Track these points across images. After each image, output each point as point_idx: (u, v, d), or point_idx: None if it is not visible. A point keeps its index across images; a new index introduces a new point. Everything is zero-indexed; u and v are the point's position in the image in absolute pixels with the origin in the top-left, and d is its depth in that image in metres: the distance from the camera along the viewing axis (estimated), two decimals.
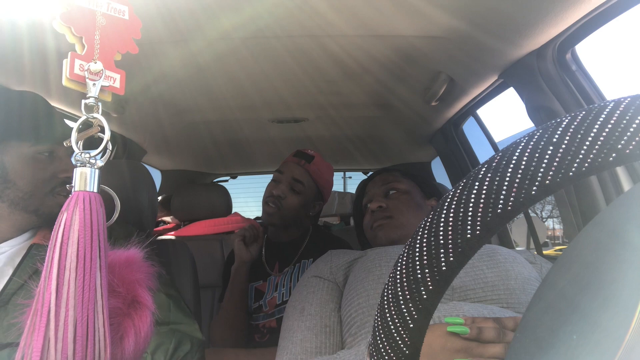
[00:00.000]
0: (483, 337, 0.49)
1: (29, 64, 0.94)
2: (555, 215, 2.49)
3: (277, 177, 1.30)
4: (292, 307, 0.77)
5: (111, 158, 1.57)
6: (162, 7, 0.75)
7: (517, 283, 0.67)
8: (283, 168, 1.30)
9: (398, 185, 0.96)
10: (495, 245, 0.77)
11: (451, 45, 0.96)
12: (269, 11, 0.80)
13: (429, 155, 2.10)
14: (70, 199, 0.39)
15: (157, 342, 0.68)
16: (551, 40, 0.86)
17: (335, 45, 0.97)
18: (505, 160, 0.23)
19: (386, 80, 1.25)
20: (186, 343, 0.71)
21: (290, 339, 0.71)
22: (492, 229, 0.23)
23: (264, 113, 1.57)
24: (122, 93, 0.45)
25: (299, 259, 1.27)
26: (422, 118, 1.57)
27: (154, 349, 0.67)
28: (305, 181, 1.28)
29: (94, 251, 0.38)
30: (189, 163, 2.28)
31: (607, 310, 0.22)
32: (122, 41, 0.45)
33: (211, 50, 0.99)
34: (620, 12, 0.75)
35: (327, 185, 1.36)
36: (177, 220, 1.94)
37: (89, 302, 0.37)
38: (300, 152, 1.33)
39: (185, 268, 1.10)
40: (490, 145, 1.47)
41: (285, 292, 1.21)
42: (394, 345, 0.26)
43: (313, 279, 0.80)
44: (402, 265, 0.26)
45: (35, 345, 0.35)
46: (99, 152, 0.42)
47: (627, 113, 0.21)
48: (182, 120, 1.59)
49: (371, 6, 0.79)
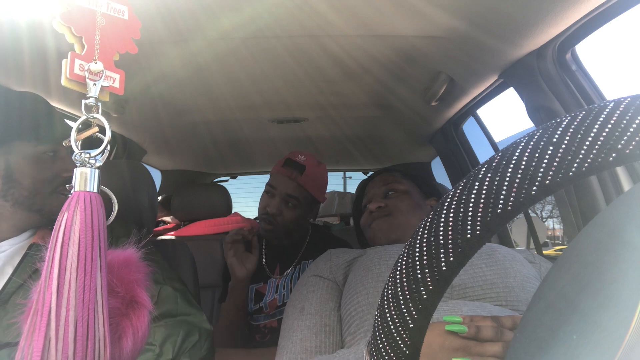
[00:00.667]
0: (481, 335, 0.50)
1: (29, 64, 0.94)
2: (555, 215, 2.49)
3: (270, 191, 1.25)
4: (291, 306, 0.77)
5: (111, 158, 1.57)
6: (162, 7, 0.75)
7: (515, 281, 0.67)
8: (275, 182, 1.24)
9: (397, 186, 0.96)
10: (495, 244, 0.77)
11: (451, 45, 0.96)
12: (269, 11, 0.80)
13: (429, 155, 2.10)
14: (71, 199, 0.39)
15: (166, 334, 0.69)
16: (551, 40, 0.86)
17: (335, 45, 0.97)
18: (505, 160, 0.23)
19: (386, 80, 1.25)
20: (194, 334, 0.72)
21: (290, 338, 0.71)
22: (492, 229, 0.23)
23: (264, 113, 1.57)
24: (121, 93, 0.45)
25: (300, 260, 1.27)
26: (422, 118, 1.57)
27: (163, 341, 0.68)
28: (300, 195, 1.23)
29: (95, 251, 0.38)
30: (189, 163, 2.28)
31: (607, 310, 0.22)
32: (121, 41, 0.45)
33: (211, 50, 0.99)
34: (620, 12, 0.75)
35: (322, 190, 1.32)
36: (177, 220, 1.94)
37: (89, 302, 0.37)
38: (291, 162, 1.24)
39: (185, 268, 1.10)
40: (490, 145, 1.47)
41: (285, 293, 1.20)
42: (394, 345, 0.26)
43: (313, 278, 0.80)
44: (402, 265, 0.26)
45: (36, 345, 0.35)
46: (99, 152, 0.42)
47: (627, 113, 0.21)
48: (182, 121, 1.59)
49: (371, 6, 0.79)
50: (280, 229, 1.24)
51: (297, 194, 1.23)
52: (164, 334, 0.69)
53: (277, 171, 1.26)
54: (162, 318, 0.71)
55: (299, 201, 1.23)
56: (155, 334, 0.68)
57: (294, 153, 1.28)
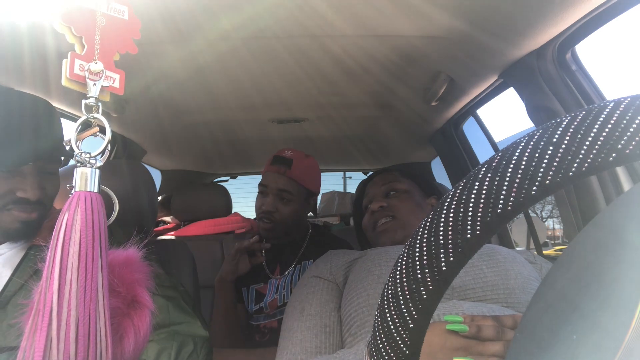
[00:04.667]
0: (482, 335, 0.50)
1: (29, 64, 0.94)
2: (555, 215, 2.49)
3: (262, 190, 1.27)
4: (292, 307, 0.77)
5: (111, 158, 1.57)
6: (162, 7, 0.75)
7: (516, 282, 0.67)
8: (266, 181, 1.26)
9: (398, 185, 0.96)
10: (495, 245, 0.77)
11: (451, 45, 0.96)
12: (269, 11, 0.80)
13: (429, 155, 2.10)
14: (72, 199, 0.39)
15: (158, 348, 0.66)
16: (551, 40, 0.86)
17: (335, 45, 0.97)
18: (505, 160, 0.23)
19: (386, 80, 1.25)
20: (188, 343, 0.71)
21: (290, 338, 0.71)
22: (492, 229, 0.23)
23: (264, 113, 1.57)
24: (121, 93, 0.45)
25: (300, 260, 1.27)
26: (422, 118, 1.57)
27: (156, 356, 0.66)
28: (292, 188, 1.24)
29: (96, 251, 0.38)
30: (189, 163, 2.28)
31: (607, 310, 0.22)
32: (121, 41, 0.45)
33: (211, 51, 0.99)
34: (620, 12, 0.75)
35: (315, 182, 1.34)
36: (177, 220, 1.94)
37: (90, 302, 0.37)
38: (278, 158, 1.26)
39: (185, 268, 1.10)
40: (490, 145, 1.47)
41: (286, 293, 1.21)
42: (394, 345, 0.26)
43: (313, 279, 0.80)
44: (402, 265, 0.26)
45: (38, 345, 0.35)
46: (100, 152, 0.42)
47: (627, 113, 0.21)
48: (182, 120, 1.59)
49: (371, 6, 0.79)
50: (279, 226, 1.25)
51: (288, 187, 1.24)
52: (156, 349, 0.66)
53: (267, 169, 1.28)
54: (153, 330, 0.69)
55: (292, 195, 1.25)
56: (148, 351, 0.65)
57: (281, 150, 1.30)
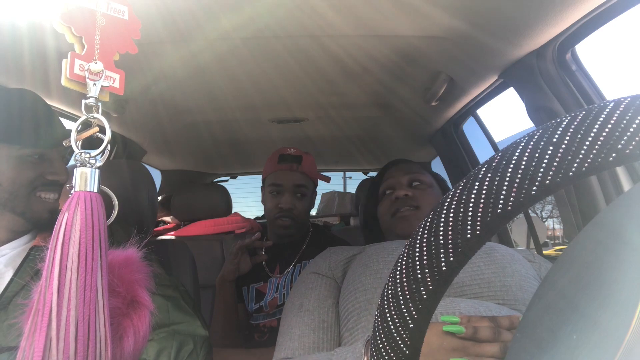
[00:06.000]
0: (479, 336, 0.50)
1: (29, 64, 0.93)
2: (555, 215, 2.48)
3: (276, 190, 1.28)
4: (290, 303, 0.77)
5: (111, 158, 1.57)
6: (162, 7, 0.75)
7: (513, 280, 0.67)
8: (279, 179, 1.27)
9: (422, 177, 0.93)
10: (495, 243, 0.77)
11: (451, 45, 0.96)
12: (269, 11, 0.80)
13: (429, 155, 2.10)
14: (71, 199, 0.39)
15: (158, 348, 0.67)
16: (551, 40, 0.86)
17: (335, 45, 0.97)
18: (505, 160, 0.23)
19: (386, 80, 1.25)
20: (188, 343, 0.71)
21: (289, 334, 0.71)
22: (492, 229, 0.23)
23: (264, 113, 1.57)
24: (121, 93, 0.45)
25: (300, 259, 1.27)
26: (422, 118, 1.57)
27: (156, 356, 0.66)
28: (306, 183, 1.29)
29: (95, 251, 0.38)
30: (189, 163, 2.28)
31: (607, 310, 0.22)
32: (121, 41, 0.45)
33: (211, 50, 0.99)
34: (620, 12, 0.75)
35: (318, 175, 1.38)
36: (177, 220, 1.94)
37: (90, 302, 0.37)
38: (286, 157, 1.28)
39: (185, 268, 1.10)
40: (490, 145, 1.47)
41: (286, 292, 1.21)
42: (394, 345, 0.26)
43: (311, 275, 0.80)
44: (402, 265, 0.26)
45: (37, 345, 0.35)
46: (99, 152, 0.42)
47: (627, 113, 0.21)
48: (182, 120, 1.59)
49: (371, 6, 0.79)
50: (297, 223, 1.28)
51: (304, 182, 1.28)
52: (156, 349, 0.66)
53: (276, 169, 1.29)
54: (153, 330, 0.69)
55: (307, 189, 1.29)
56: (148, 350, 0.66)
57: (283, 149, 1.32)
